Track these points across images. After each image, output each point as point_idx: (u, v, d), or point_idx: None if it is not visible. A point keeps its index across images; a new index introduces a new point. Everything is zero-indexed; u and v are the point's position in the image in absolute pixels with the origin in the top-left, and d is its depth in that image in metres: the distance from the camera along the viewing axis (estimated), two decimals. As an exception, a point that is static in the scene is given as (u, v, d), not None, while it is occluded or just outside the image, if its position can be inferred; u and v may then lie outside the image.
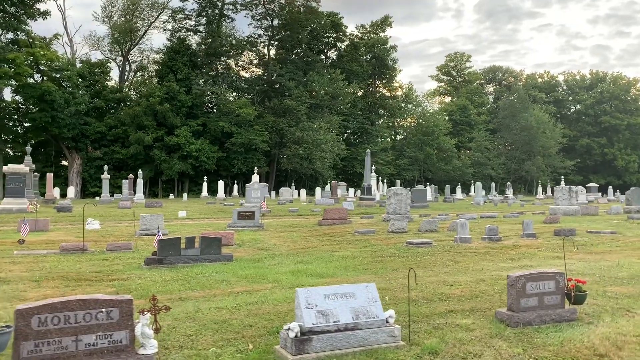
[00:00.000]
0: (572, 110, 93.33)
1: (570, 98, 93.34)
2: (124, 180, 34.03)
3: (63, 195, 43.69)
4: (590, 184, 53.55)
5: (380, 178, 60.92)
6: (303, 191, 41.69)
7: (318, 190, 41.10)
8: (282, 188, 40.83)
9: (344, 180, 59.11)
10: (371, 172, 45.93)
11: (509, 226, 19.75)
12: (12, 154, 50.07)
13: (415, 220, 21.39)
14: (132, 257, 13.21)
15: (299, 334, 5.55)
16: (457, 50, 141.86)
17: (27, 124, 49.04)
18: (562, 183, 48.54)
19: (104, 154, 49.63)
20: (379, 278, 10.30)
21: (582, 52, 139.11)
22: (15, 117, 49.94)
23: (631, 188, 27.47)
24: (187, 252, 12.34)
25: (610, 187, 52.20)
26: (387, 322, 6.08)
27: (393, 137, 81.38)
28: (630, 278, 10.06)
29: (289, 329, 5.56)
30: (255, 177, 36.03)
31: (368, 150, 33.53)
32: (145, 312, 5.01)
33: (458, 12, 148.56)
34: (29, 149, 32.06)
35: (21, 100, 46.96)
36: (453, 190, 58.16)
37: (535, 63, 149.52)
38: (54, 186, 45.96)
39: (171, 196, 47.57)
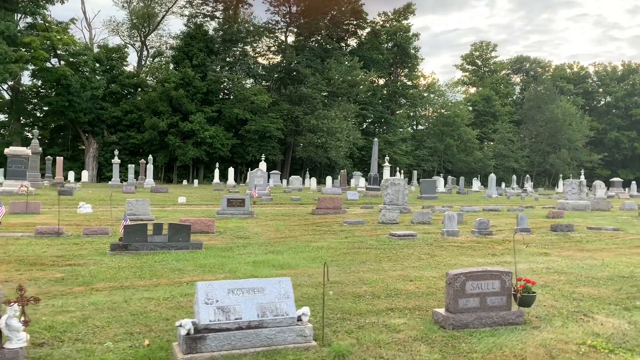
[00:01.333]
0: (601, 102, 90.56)
1: (601, 90, 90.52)
2: (130, 165, 34.07)
3: (77, 179, 44.16)
4: (614, 179, 51.78)
5: (398, 168, 60.16)
6: (313, 180, 41.18)
7: (329, 179, 40.61)
8: (292, 176, 40.45)
9: (361, 170, 58.44)
10: (384, 162, 45.29)
11: (508, 220, 18.97)
12: (30, 137, 50.75)
13: (413, 212, 20.73)
14: (104, 242, 12.96)
15: (191, 332, 5.11)
16: (489, 40, 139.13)
17: (45, 108, 49.64)
18: (582, 177, 46.88)
19: (120, 139, 49.95)
20: (339, 270, 9.82)
21: (620, 43, 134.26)
22: (35, 101, 50.58)
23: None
24: (154, 238, 12.01)
25: (633, 182, 50.24)
26: (299, 320, 5.61)
27: (414, 127, 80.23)
28: (609, 278, 9.35)
29: (180, 325, 5.12)
30: (262, 165, 35.72)
31: (376, 139, 32.84)
32: (12, 303, 4.63)
33: (491, 0, 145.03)
34: (35, 132, 32.25)
35: (39, 84, 47.46)
36: (470, 182, 57.01)
37: (569, 54, 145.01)
38: (70, 170, 46.70)
39: (184, 182, 47.66)
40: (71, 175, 43.58)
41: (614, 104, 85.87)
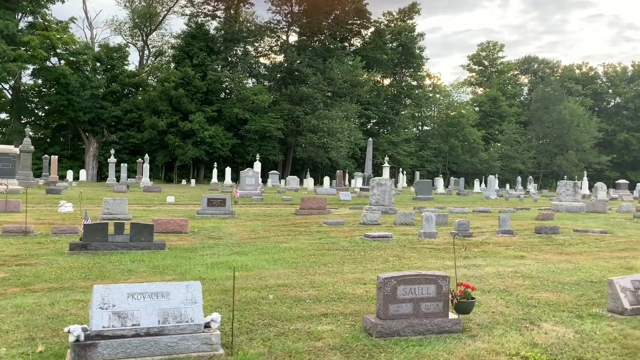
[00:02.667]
0: (611, 103, 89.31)
1: (610, 91, 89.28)
2: (122, 165, 33.92)
3: (76, 177, 44.15)
4: (620, 181, 50.93)
5: (401, 169, 59.60)
6: (311, 180, 40.82)
7: (326, 179, 40.20)
8: (289, 177, 40.10)
9: (362, 170, 57.93)
10: (384, 162, 44.79)
11: (494, 222, 18.43)
12: (32, 135, 50.89)
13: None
14: (69, 241, 12.67)
15: (81, 338, 4.75)
16: (502, 40, 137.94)
17: (47, 107, 49.73)
18: (585, 179, 46.10)
19: (120, 138, 49.91)
20: (295, 272, 9.43)
21: (635, 43, 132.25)
22: (36, 100, 50.71)
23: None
24: (115, 238, 11.70)
25: (638, 184, 49.31)
26: (208, 327, 5.24)
27: (420, 128, 79.60)
28: (576, 283, 8.88)
29: (69, 331, 4.76)
30: (257, 165, 35.40)
31: (370, 139, 32.36)
32: None
33: (504, 1, 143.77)
34: (27, 130, 32.15)
35: (40, 82, 47.54)
36: (470, 183, 56.36)
37: (583, 55, 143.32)
38: (71, 169, 46.75)
39: (183, 182, 47.50)
40: (70, 174, 43.60)
41: (624, 105, 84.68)
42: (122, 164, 33.80)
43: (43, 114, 51.70)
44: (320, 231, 15.35)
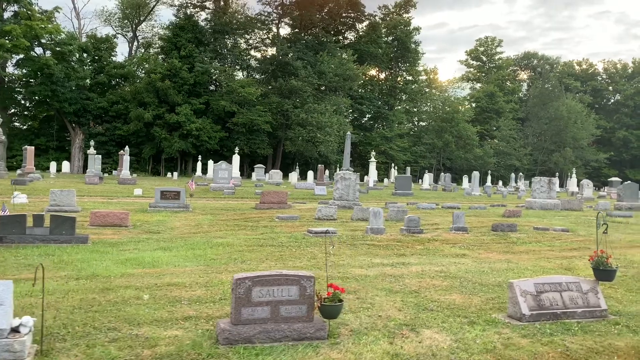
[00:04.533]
0: (611, 100, 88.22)
1: (610, 88, 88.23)
2: (97, 156, 33.38)
3: (59, 170, 43.71)
4: (613, 178, 50.14)
5: (393, 164, 58.86)
6: (294, 174, 40.27)
7: (310, 174, 39.61)
8: (272, 170, 39.52)
9: (353, 165, 57.29)
10: (371, 157, 44.24)
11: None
12: (17, 125, 50.53)
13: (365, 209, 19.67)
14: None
15: None
16: (508, 36, 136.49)
17: (33, 98, 49.25)
18: (574, 176, 45.42)
19: (106, 130, 49.46)
20: (204, 269, 8.87)
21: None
22: (23, 91, 50.25)
23: (626, 182, 24.86)
24: (35, 231, 11.18)
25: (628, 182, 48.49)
26: (16, 331, 4.67)
27: (416, 123, 78.84)
28: (496, 285, 8.27)
29: None
30: (235, 158, 34.81)
31: (349, 133, 31.63)
32: None
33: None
34: (-1, 120, 31.61)
35: (24, 73, 47.06)
36: (467, 180, 55.56)
37: (589, 52, 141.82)
38: (57, 160, 46.37)
39: (169, 174, 47.02)
40: (53, 165, 43.15)
41: (623, 102, 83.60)
42: (96, 156, 33.20)
43: (30, 105, 51.22)
44: (268, 226, 14.79)
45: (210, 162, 40.55)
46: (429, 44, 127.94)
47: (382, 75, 73.13)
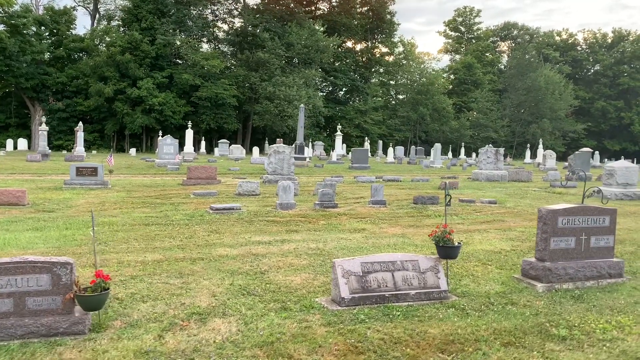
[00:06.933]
0: (590, 71, 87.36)
1: (590, 58, 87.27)
2: (41, 132, 32.17)
3: (15, 147, 42.49)
4: (584, 149, 49.48)
5: (366, 138, 57.92)
6: (256, 149, 39.31)
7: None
8: (233, 146, 38.59)
9: (325, 139, 56.29)
10: (337, 131, 43.36)
11: (389, 191, 17.12)
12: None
13: (301, 184, 18.91)
14: None
15: None
16: (498, 7, 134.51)
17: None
18: (540, 147, 44.92)
19: (67, 106, 48.02)
20: (41, 253, 8.05)
21: (632, 11, 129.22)
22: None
23: (577, 151, 24.20)
24: None
25: (596, 152, 48.27)
26: None
27: (393, 96, 77.70)
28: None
29: None
30: (189, 132, 33.73)
31: (302, 105, 30.70)
32: None
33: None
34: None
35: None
36: (446, 152, 54.89)
37: (579, 23, 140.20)
38: (17, 137, 45.11)
39: (132, 151, 45.88)
40: (9, 143, 41.93)
41: (603, 72, 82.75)
42: (40, 132, 32.00)
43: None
44: (175, 203, 13.96)
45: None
46: (417, 16, 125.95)
47: (358, 47, 71.69)
